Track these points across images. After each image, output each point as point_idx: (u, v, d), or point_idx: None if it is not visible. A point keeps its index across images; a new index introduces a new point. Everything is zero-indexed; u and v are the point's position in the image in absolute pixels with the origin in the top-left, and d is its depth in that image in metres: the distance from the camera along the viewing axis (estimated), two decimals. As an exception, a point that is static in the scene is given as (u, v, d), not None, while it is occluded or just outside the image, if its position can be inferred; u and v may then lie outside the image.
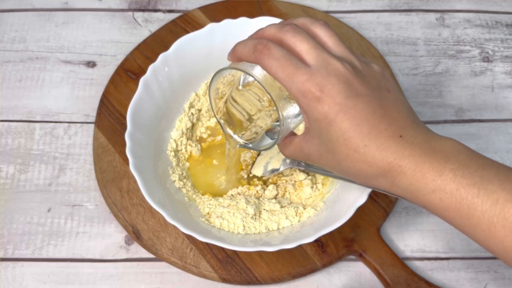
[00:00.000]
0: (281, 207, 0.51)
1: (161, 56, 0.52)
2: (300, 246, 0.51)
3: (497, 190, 0.33)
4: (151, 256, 0.52)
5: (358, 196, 0.46)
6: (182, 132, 0.55)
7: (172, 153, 0.54)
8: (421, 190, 0.35)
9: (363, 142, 0.36)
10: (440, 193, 0.35)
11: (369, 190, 0.46)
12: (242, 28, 0.53)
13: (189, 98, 0.56)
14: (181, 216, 0.47)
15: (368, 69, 0.39)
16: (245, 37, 0.43)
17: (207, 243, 0.51)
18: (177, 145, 0.54)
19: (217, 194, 0.53)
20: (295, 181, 0.53)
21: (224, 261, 0.51)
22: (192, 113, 0.56)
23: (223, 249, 0.51)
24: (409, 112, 0.39)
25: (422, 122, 0.39)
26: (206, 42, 0.53)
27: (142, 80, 0.50)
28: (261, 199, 0.52)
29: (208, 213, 0.51)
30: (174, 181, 0.52)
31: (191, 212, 0.50)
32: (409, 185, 0.36)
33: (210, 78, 0.43)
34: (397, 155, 0.36)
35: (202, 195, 0.53)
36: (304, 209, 0.51)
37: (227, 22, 0.53)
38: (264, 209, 0.51)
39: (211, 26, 0.53)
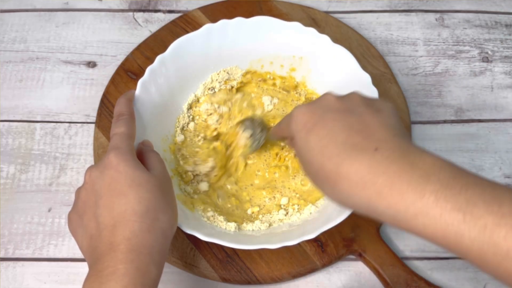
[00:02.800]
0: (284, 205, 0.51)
1: (159, 58, 0.52)
2: (300, 246, 0.51)
3: (483, 214, 0.30)
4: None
5: None
6: (181, 131, 0.55)
7: (172, 153, 0.54)
8: (401, 213, 0.33)
9: (337, 150, 0.36)
10: (423, 218, 0.32)
11: None
12: (238, 28, 0.54)
13: (187, 99, 0.56)
14: (183, 216, 0.47)
15: (362, 97, 0.40)
16: (242, 37, 0.52)
17: (207, 243, 0.51)
18: (176, 144, 0.55)
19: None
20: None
21: (224, 260, 0.51)
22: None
23: (223, 248, 0.51)
24: (394, 127, 0.37)
25: (406, 137, 0.37)
26: (203, 43, 0.54)
27: (140, 82, 0.50)
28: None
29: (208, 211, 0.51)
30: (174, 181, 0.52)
31: (193, 211, 0.50)
32: (387, 208, 0.33)
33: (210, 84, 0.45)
34: (370, 169, 0.34)
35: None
36: (305, 205, 0.51)
37: (223, 22, 0.53)
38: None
39: (207, 27, 0.53)
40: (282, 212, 0.52)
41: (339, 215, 0.45)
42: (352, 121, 0.37)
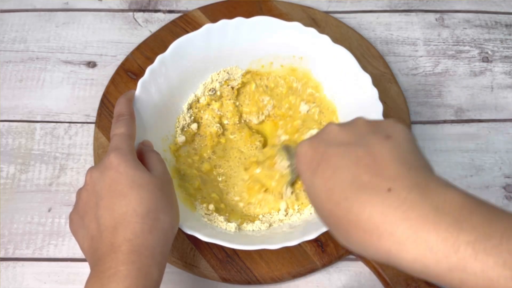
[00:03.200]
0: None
1: (159, 58, 0.52)
2: (300, 246, 0.51)
3: None
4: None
5: None
6: (181, 131, 0.55)
7: (172, 153, 0.54)
8: (431, 268, 0.28)
9: (344, 193, 0.31)
10: (459, 273, 0.27)
11: None
12: (238, 28, 0.54)
13: (187, 99, 0.56)
14: (183, 216, 0.47)
15: (368, 122, 0.35)
16: (242, 37, 0.51)
17: (207, 243, 0.51)
18: (176, 144, 0.55)
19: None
20: None
21: (224, 261, 0.51)
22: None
23: (223, 249, 0.51)
24: (408, 157, 0.32)
25: (423, 168, 0.32)
26: (203, 43, 0.54)
27: (140, 82, 0.50)
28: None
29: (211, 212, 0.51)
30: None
31: (193, 212, 0.50)
32: (413, 262, 0.28)
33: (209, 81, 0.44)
34: (385, 216, 0.29)
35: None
36: (305, 206, 0.51)
37: (223, 22, 0.53)
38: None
39: (207, 27, 0.53)
40: (282, 212, 0.52)
41: None
42: (358, 154, 0.32)
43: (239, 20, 0.54)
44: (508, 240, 0.26)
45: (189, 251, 0.51)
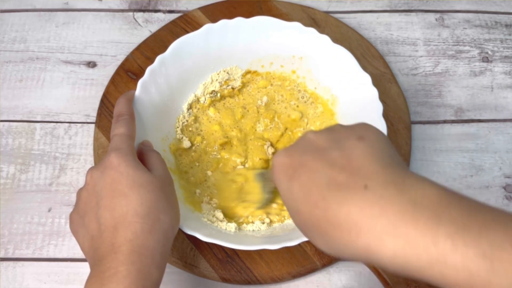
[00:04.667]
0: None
1: (159, 58, 0.52)
2: (300, 246, 0.51)
3: None
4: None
5: None
6: (182, 131, 0.55)
7: (172, 153, 0.54)
8: (412, 263, 0.28)
9: (322, 194, 0.31)
10: (440, 267, 0.27)
11: None
12: (238, 28, 0.54)
13: (187, 99, 0.56)
14: (183, 216, 0.47)
15: (343, 127, 0.36)
16: (242, 37, 0.51)
17: (207, 243, 0.51)
18: (177, 143, 0.55)
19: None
20: None
21: (224, 260, 0.51)
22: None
23: (223, 249, 0.51)
24: (381, 155, 0.32)
25: (398, 165, 0.32)
26: (203, 43, 0.54)
27: (140, 82, 0.50)
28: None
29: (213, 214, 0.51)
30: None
31: (194, 212, 0.50)
32: (393, 258, 0.28)
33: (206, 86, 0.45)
34: (363, 212, 0.29)
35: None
36: None
37: (223, 22, 0.53)
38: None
39: (207, 27, 0.53)
40: (265, 223, 0.52)
41: None
42: (333, 157, 0.32)
43: (239, 20, 0.54)
44: (488, 232, 0.26)
45: (189, 251, 0.51)
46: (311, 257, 0.51)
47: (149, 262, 0.38)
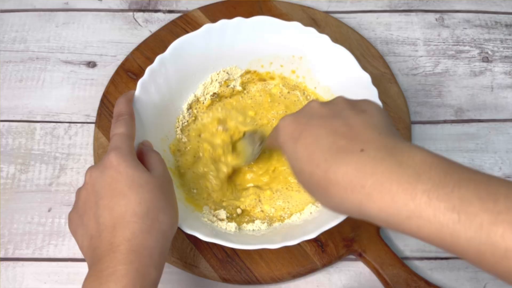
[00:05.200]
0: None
1: (158, 58, 0.52)
2: (300, 246, 0.51)
3: (478, 212, 0.29)
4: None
5: None
6: (182, 131, 0.55)
7: (172, 153, 0.54)
8: (393, 216, 0.31)
9: (324, 156, 0.35)
10: (416, 220, 0.30)
11: None
12: (238, 28, 0.54)
13: (187, 99, 0.56)
14: (183, 216, 0.47)
15: (347, 101, 0.40)
16: (242, 37, 0.53)
17: (207, 243, 0.51)
18: (177, 143, 0.55)
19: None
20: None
21: (224, 260, 0.51)
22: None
23: (223, 248, 0.51)
24: (379, 125, 0.36)
25: (393, 134, 0.36)
26: (202, 43, 0.54)
27: (140, 83, 0.50)
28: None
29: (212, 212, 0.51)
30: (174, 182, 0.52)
31: (194, 212, 0.50)
32: (378, 211, 0.32)
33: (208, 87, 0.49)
34: (357, 171, 0.33)
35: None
36: (305, 205, 0.51)
37: (223, 22, 0.53)
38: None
39: (207, 27, 0.53)
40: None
41: (340, 215, 0.45)
42: (336, 125, 0.37)
43: (239, 20, 0.54)
44: (460, 188, 0.30)
45: (189, 251, 0.51)
46: (311, 257, 0.51)
47: (148, 261, 0.38)
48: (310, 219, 0.50)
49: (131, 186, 0.40)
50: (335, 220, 0.45)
